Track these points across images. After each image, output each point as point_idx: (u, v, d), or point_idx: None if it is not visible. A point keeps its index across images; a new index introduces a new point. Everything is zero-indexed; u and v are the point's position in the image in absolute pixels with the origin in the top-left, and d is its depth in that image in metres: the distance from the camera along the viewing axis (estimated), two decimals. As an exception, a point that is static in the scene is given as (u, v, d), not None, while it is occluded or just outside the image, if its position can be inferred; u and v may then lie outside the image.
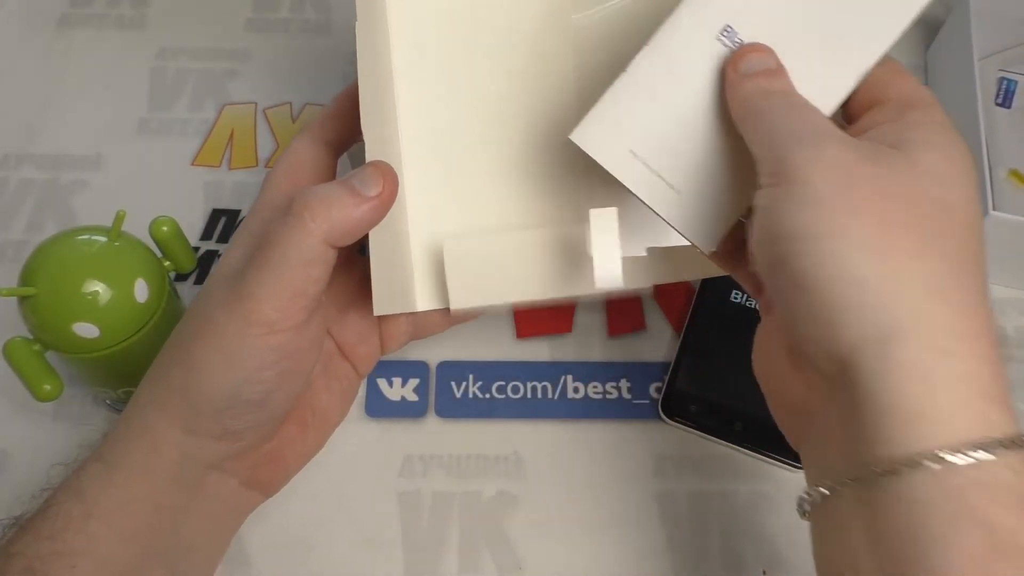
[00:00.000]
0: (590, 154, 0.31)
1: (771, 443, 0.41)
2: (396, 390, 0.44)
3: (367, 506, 0.40)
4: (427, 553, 0.39)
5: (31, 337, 0.36)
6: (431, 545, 0.39)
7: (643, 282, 0.35)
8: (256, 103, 0.55)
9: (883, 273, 0.23)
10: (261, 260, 0.29)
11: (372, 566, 0.39)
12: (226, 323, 0.29)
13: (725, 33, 0.29)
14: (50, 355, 0.36)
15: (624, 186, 0.31)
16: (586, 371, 0.45)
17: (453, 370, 0.45)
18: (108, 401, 0.42)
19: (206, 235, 0.49)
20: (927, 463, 0.21)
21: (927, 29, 0.62)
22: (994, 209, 0.44)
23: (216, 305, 0.30)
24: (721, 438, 0.42)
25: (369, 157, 0.34)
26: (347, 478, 0.41)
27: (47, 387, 0.36)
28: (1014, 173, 0.52)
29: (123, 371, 0.38)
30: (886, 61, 0.29)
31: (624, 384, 0.45)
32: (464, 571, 0.39)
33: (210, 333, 0.30)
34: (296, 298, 0.30)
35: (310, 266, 0.30)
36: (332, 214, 0.30)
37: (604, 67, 0.32)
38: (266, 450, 0.34)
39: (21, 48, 0.56)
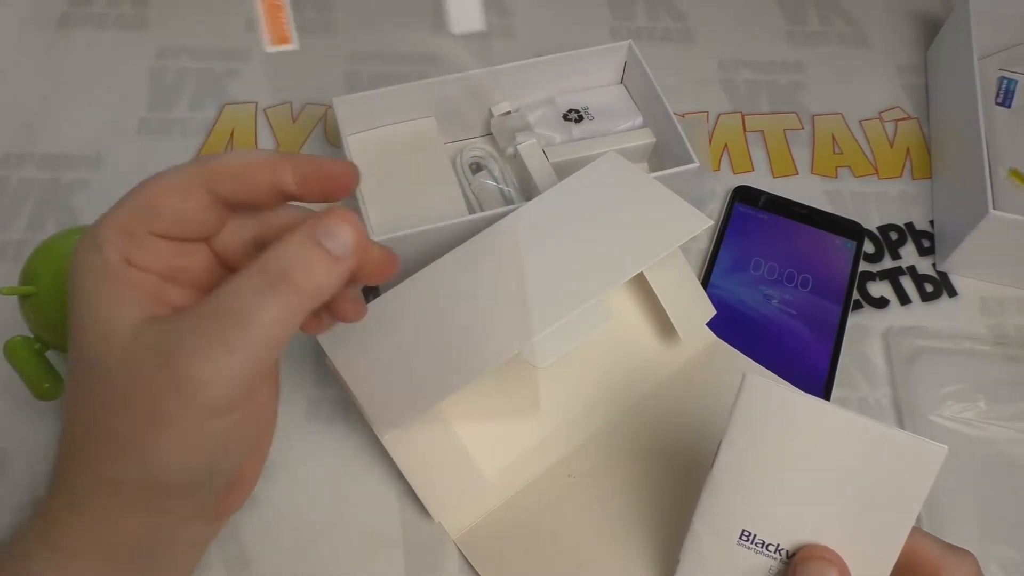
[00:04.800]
0: None
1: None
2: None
3: (367, 506, 0.40)
4: (427, 553, 0.39)
5: (32, 336, 0.36)
6: (431, 545, 0.39)
7: None
8: (256, 103, 0.55)
9: None
10: (224, 338, 0.25)
11: (372, 566, 0.39)
12: (181, 415, 0.25)
13: (744, 537, 0.31)
14: (50, 354, 0.36)
15: None
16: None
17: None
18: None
19: (206, 235, 0.49)
20: None
21: (927, 29, 0.62)
22: (994, 208, 0.44)
23: (159, 394, 0.25)
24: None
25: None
26: (347, 478, 0.41)
27: (47, 386, 0.36)
28: (1014, 172, 0.52)
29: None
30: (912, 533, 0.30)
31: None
32: (464, 571, 0.39)
33: (162, 424, 0.25)
34: (262, 375, 0.27)
35: (284, 343, 0.26)
36: (315, 280, 0.26)
37: None
38: (227, 488, 0.31)
39: (21, 48, 0.56)
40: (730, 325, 0.45)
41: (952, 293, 0.50)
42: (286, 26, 0.27)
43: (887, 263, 0.51)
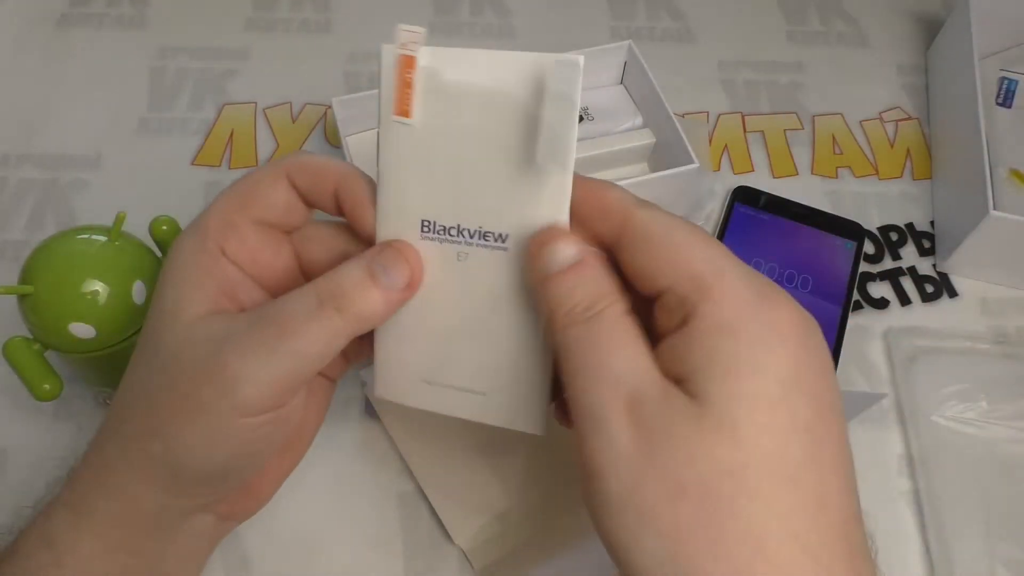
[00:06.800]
0: (397, 402, 0.31)
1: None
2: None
3: (367, 506, 0.40)
4: (427, 553, 0.39)
5: (31, 336, 0.36)
6: (431, 545, 0.39)
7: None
8: (256, 103, 0.55)
9: None
10: (269, 343, 0.26)
11: (372, 566, 0.39)
12: (214, 405, 0.26)
13: (426, 227, 0.28)
14: (50, 354, 0.36)
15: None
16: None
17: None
18: (108, 400, 0.42)
19: (206, 235, 0.49)
20: None
21: (927, 29, 0.62)
22: (994, 209, 0.44)
23: (199, 381, 0.27)
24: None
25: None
26: (347, 478, 0.41)
27: (47, 386, 0.36)
28: (1014, 173, 0.52)
29: (122, 371, 0.37)
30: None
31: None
32: (464, 571, 0.39)
33: (194, 413, 0.27)
34: (298, 385, 0.28)
35: (324, 360, 0.27)
36: (361, 309, 0.27)
37: None
38: (245, 487, 0.32)
39: (21, 48, 0.56)
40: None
41: (952, 294, 0.49)
42: (411, 102, 0.28)
43: (887, 264, 0.51)
